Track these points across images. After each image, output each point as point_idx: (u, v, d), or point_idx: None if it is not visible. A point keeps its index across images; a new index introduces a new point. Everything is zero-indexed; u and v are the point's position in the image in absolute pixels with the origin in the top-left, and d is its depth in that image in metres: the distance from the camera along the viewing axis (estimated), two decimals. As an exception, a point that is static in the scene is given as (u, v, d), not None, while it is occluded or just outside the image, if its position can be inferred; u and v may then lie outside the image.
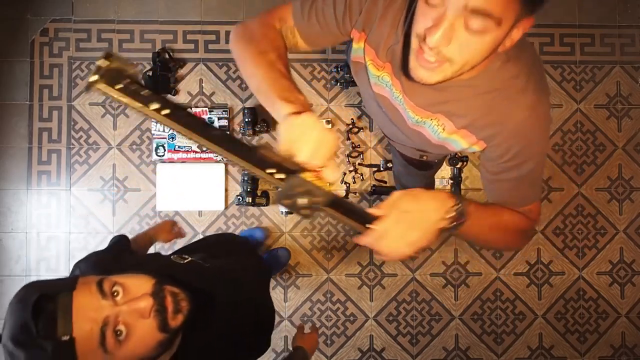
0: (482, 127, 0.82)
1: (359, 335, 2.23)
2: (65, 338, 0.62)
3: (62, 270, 2.20)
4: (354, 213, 0.70)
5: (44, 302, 0.63)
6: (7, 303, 0.66)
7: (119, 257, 1.00)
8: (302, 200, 0.66)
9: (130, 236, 1.21)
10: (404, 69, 0.82)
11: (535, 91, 0.78)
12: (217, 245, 1.31)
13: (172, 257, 1.01)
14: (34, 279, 2.18)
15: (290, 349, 1.29)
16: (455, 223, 0.72)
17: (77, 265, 0.94)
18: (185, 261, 1.00)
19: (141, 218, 2.22)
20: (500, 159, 0.83)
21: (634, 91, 2.29)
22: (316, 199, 0.66)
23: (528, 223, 0.88)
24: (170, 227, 1.45)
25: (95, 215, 2.22)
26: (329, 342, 2.22)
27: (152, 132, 2.19)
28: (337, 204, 0.68)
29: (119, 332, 0.67)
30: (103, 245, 2.27)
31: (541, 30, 2.30)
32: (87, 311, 0.65)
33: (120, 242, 1.15)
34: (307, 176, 0.66)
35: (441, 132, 0.88)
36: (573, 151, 2.28)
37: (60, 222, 2.22)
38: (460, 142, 0.87)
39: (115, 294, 0.69)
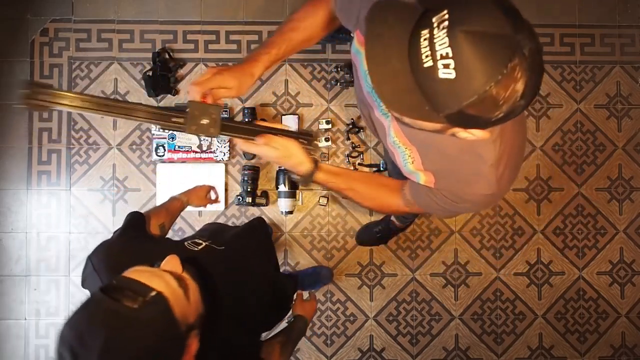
0: (443, 179, 0.89)
1: (359, 335, 2.23)
2: (153, 293, 0.64)
3: (62, 270, 2.21)
4: (242, 129, 0.90)
5: (107, 290, 0.65)
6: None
7: (131, 246, 0.99)
8: (204, 120, 0.82)
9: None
10: None
11: (501, 180, 0.83)
12: (232, 234, 1.31)
13: (185, 244, 1.01)
14: (34, 279, 2.19)
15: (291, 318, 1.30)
16: (303, 175, 0.94)
17: (89, 258, 0.94)
18: (200, 247, 1.00)
19: (141, 218, 2.22)
20: (442, 195, 0.91)
21: (634, 91, 2.29)
22: (212, 114, 0.83)
23: (400, 211, 1.02)
24: (204, 193, 1.43)
25: (95, 215, 2.22)
26: (329, 342, 2.22)
27: (152, 132, 2.19)
28: (226, 124, 0.86)
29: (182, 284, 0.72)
30: (103, 245, 2.25)
31: (541, 30, 2.29)
32: (148, 273, 0.69)
33: (133, 224, 1.12)
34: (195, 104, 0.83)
35: (410, 164, 0.92)
36: (573, 151, 2.28)
37: (60, 222, 2.22)
38: (422, 178, 0.92)
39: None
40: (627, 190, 2.28)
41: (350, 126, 2.21)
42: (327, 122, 2.21)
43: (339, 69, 2.19)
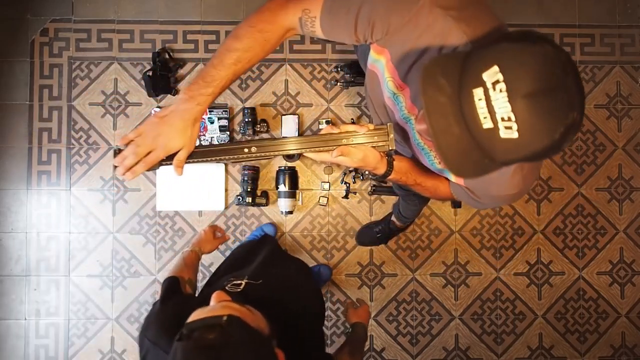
0: (469, 180, 0.91)
1: (359, 335, 2.23)
2: (224, 318, 0.68)
3: (62, 270, 2.21)
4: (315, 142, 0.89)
5: (183, 337, 0.67)
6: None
7: (179, 309, 0.97)
8: None
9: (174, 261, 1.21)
10: None
11: (525, 179, 0.85)
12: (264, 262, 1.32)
13: (226, 288, 1.01)
14: (34, 279, 2.19)
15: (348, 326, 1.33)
16: (378, 175, 0.95)
17: (144, 334, 0.93)
18: (241, 288, 1.01)
19: (141, 218, 2.22)
20: (472, 192, 0.95)
21: (634, 91, 2.29)
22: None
23: (452, 198, 1.05)
24: (212, 236, 1.43)
25: (95, 215, 2.22)
26: (329, 342, 2.22)
27: (152, 132, 2.19)
28: (297, 138, 0.88)
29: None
30: (103, 246, 2.27)
31: (541, 30, 2.29)
32: (208, 309, 0.72)
33: (171, 289, 1.12)
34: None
35: (437, 163, 0.95)
36: (573, 151, 2.28)
37: (60, 222, 2.22)
38: (452, 176, 0.95)
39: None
40: (627, 190, 2.28)
41: (350, 126, 2.21)
42: (327, 122, 2.20)
43: (339, 69, 2.19)
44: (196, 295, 1.19)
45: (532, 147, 0.60)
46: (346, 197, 2.22)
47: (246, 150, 0.85)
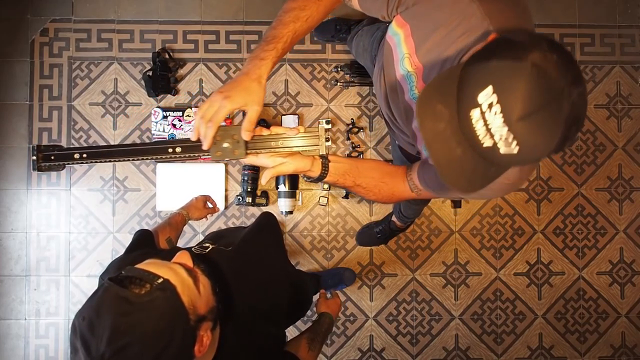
0: None
1: (359, 335, 2.23)
2: (160, 280, 0.66)
3: (62, 270, 2.21)
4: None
5: (116, 279, 0.66)
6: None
7: (143, 258, 0.99)
8: (226, 144, 0.83)
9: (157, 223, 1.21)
10: None
11: (522, 169, 0.85)
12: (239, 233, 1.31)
13: (192, 249, 1.01)
14: (34, 279, 2.19)
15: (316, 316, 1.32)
16: (313, 178, 0.94)
17: (101, 277, 0.94)
18: (207, 251, 1.00)
19: (141, 218, 2.22)
20: None
21: (634, 91, 2.29)
22: (234, 135, 0.82)
23: (405, 197, 1.03)
24: (202, 204, 1.44)
25: (95, 215, 2.22)
26: (329, 342, 2.22)
27: (152, 132, 2.19)
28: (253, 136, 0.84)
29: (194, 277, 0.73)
30: (103, 245, 2.27)
31: (541, 30, 2.30)
32: (159, 264, 0.70)
33: (141, 240, 1.12)
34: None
35: None
36: (573, 151, 2.28)
37: (60, 222, 2.22)
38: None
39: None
40: (627, 190, 2.28)
41: (350, 126, 2.21)
42: (327, 122, 2.20)
43: (339, 69, 2.19)
44: None
45: (534, 156, 0.62)
46: (346, 197, 2.22)
47: (170, 150, 0.85)
